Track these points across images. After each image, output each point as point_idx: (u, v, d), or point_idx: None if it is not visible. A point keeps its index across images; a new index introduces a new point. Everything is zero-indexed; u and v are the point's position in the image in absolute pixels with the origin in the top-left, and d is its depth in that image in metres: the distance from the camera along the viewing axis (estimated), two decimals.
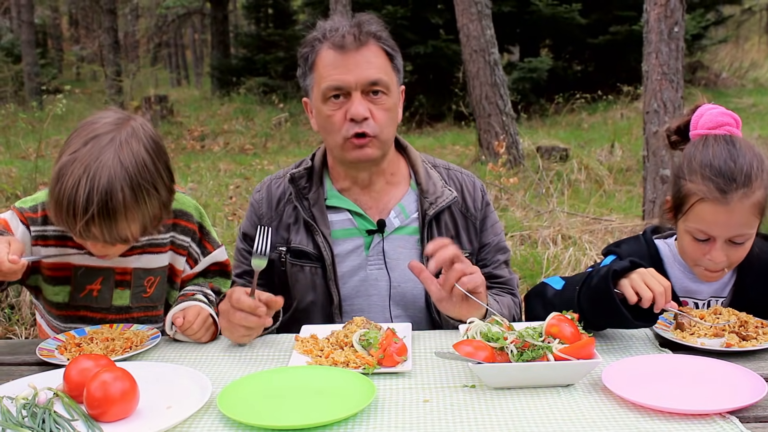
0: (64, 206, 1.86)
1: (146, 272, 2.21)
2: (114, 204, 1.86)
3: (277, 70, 18.81)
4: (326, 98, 2.14)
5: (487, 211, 2.38)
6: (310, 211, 2.24)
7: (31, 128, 12.64)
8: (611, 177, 9.22)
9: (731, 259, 2.02)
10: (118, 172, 1.86)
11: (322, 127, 2.20)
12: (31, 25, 19.88)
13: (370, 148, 2.15)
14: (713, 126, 2.03)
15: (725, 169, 1.93)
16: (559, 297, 2.03)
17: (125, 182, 1.87)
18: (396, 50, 2.22)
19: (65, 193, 1.85)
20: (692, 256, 2.06)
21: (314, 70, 2.17)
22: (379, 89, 2.13)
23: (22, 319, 4.61)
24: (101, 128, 1.93)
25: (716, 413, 1.48)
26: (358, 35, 2.12)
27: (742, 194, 1.92)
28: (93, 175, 1.84)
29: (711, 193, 1.93)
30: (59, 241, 2.14)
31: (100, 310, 2.19)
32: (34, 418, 1.48)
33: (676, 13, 6.54)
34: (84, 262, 2.16)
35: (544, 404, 1.56)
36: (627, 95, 14.13)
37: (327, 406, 1.57)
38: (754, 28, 27.15)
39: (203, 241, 2.34)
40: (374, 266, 2.25)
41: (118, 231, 1.91)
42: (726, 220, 1.94)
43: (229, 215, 7.68)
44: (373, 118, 2.13)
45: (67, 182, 1.85)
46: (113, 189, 1.85)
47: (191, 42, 38.87)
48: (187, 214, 2.29)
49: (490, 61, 10.11)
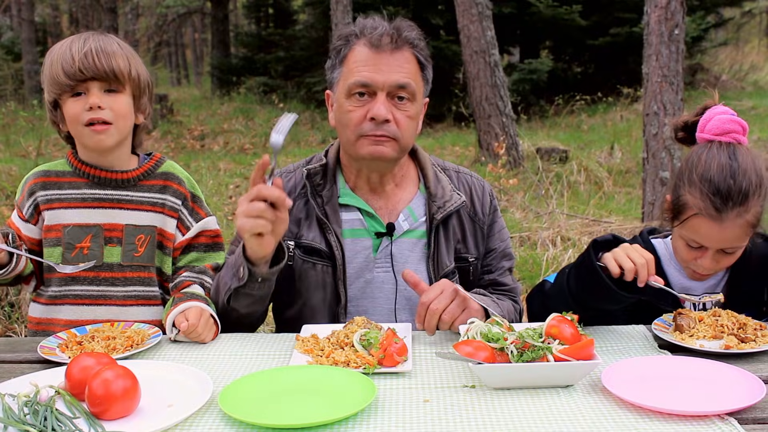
0: (63, 56, 2.10)
1: (136, 229, 2.22)
2: (110, 44, 2.14)
3: (278, 69, 18.80)
4: (351, 94, 2.13)
5: (494, 217, 2.38)
6: (323, 208, 2.23)
7: (31, 127, 12.65)
8: (611, 179, 9.23)
9: (720, 264, 2.09)
10: (107, 35, 2.19)
11: (339, 121, 2.19)
12: (31, 24, 19.86)
13: (387, 146, 2.13)
14: (720, 133, 2.05)
15: (723, 188, 1.97)
16: (552, 286, 2.13)
17: (114, 40, 2.18)
18: (429, 61, 2.21)
19: (61, 49, 2.13)
20: (684, 258, 2.13)
21: (344, 64, 2.16)
22: (405, 95, 2.12)
23: (22, 317, 4.61)
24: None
25: (715, 415, 1.49)
26: (395, 38, 2.11)
27: (737, 213, 1.97)
28: (83, 35, 2.16)
29: (707, 210, 1.98)
30: (50, 204, 2.22)
31: (93, 269, 2.19)
32: (35, 416, 1.49)
33: (676, 15, 6.55)
34: (72, 221, 2.20)
35: (543, 405, 1.57)
36: (627, 97, 14.15)
37: (327, 405, 1.57)
38: (754, 31, 27.17)
39: (195, 207, 2.33)
40: (381, 269, 2.25)
41: (115, 62, 2.12)
42: (718, 236, 2.00)
43: (229, 215, 7.68)
44: (395, 122, 2.11)
45: (60, 46, 2.14)
46: (105, 38, 2.16)
47: (191, 41, 38.86)
48: (178, 178, 2.32)
49: (491, 62, 10.12)
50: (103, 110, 2.11)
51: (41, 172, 2.26)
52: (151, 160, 2.30)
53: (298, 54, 18.39)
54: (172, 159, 2.38)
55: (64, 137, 2.27)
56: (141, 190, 2.24)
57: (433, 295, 1.96)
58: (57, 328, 2.16)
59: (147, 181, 2.26)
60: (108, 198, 2.22)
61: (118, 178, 2.22)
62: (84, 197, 2.21)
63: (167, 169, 2.31)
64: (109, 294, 2.21)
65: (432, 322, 1.95)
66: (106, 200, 2.21)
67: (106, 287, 2.21)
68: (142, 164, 2.28)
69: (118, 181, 2.22)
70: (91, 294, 2.21)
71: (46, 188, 2.23)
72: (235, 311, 2.12)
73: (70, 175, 2.24)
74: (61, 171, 2.25)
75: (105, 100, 2.12)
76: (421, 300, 1.98)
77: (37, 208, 2.24)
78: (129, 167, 2.26)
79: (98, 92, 2.11)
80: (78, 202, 2.21)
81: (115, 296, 2.21)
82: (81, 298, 2.21)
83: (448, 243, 2.27)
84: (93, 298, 2.21)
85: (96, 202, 2.21)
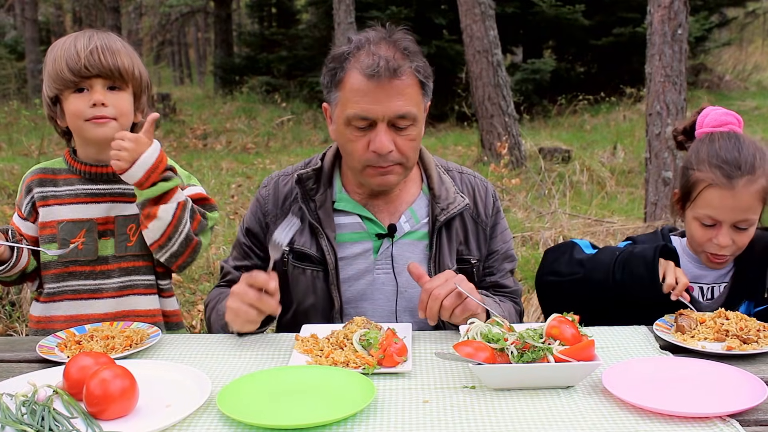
0: (67, 54, 2.11)
1: (127, 219, 2.25)
2: (114, 42, 2.16)
3: (280, 69, 18.80)
4: (349, 123, 2.07)
5: (497, 218, 2.36)
6: (315, 213, 2.21)
7: (33, 126, 12.66)
8: (613, 179, 9.21)
9: (737, 243, 2.15)
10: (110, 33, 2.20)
11: (342, 147, 2.15)
12: (34, 23, 19.86)
13: (393, 175, 2.12)
14: (717, 124, 2.19)
15: (731, 158, 2.09)
16: (591, 259, 2.22)
17: (118, 39, 2.19)
18: (429, 76, 2.13)
19: (65, 46, 2.14)
20: (699, 241, 2.18)
21: (340, 90, 2.08)
22: (406, 123, 2.07)
23: (23, 316, 4.61)
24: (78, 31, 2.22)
25: (716, 416, 1.48)
26: (393, 66, 2.01)
27: (747, 180, 2.07)
28: (87, 32, 2.16)
29: (718, 179, 2.08)
30: (45, 201, 2.25)
31: (88, 263, 2.23)
32: (33, 416, 1.48)
33: (679, 15, 6.53)
34: (66, 217, 2.23)
35: (544, 406, 1.56)
36: (630, 97, 14.13)
37: (327, 405, 1.57)
38: (757, 31, 27.13)
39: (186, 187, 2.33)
40: (382, 270, 2.23)
41: (120, 60, 2.14)
42: (732, 205, 2.08)
43: (231, 214, 7.68)
44: (398, 149, 2.08)
45: (64, 42, 2.15)
46: (109, 36, 2.17)
47: (194, 40, 38.88)
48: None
49: (493, 61, 10.10)
50: (106, 107, 2.14)
51: (38, 169, 2.30)
52: None
53: (301, 53, 18.38)
54: (174, 158, 2.39)
55: (61, 132, 2.30)
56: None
57: (436, 283, 1.95)
58: (57, 325, 2.18)
59: None
60: (100, 192, 2.26)
61: (108, 172, 2.25)
62: (77, 193, 2.25)
63: None
64: (106, 287, 2.24)
65: (434, 308, 1.92)
66: (98, 194, 2.25)
67: (102, 280, 2.24)
68: None
69: (108, 175, 2.26)
70: (89, 288, 2.24)
71: (42, 185, 2.27)
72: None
73: (65, 172, 2.28)
74: (57, 168, 2.30)
75: (108, 97, 2.15)
76: (425, 287, 1.96)
77: (34, 206, 2.27)
78: None
79: (102, 89, 2.14)
80: (71, 198, 2.25)
81: (111, 288, 2.24)
82: (78, 293, 2.24)
83: (450, 245, 2.25)
84: (90, 292, 2.24)
85: (88, 197, 2.25)
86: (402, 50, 2.06)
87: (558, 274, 2.26)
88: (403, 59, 2.05)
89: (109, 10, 19.07)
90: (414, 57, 2.08)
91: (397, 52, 2.05)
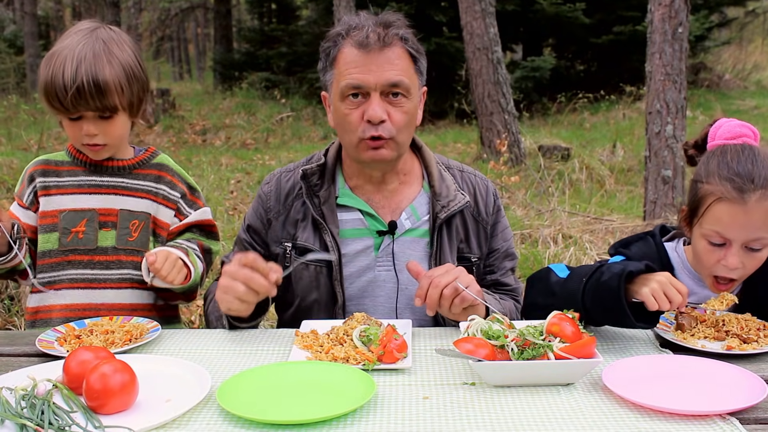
0: (55, 83, 2.07)
1: (131, 214, 2.27)
2: (102, 74, 2.09)
3: (280, 65, 18.79)
4: (344, 96, 2.10)
5: (498, 216, 2.37)
6: (320, 209, 2.22)
7: (32, 120, 12.65)
8: (612, 177, 9.21)
9: (746, 267, 1.96)
10: (103, 50, 2.12)
11: (339, 125, 2.18)
12: (33, 17, 19.85)
13: (386, 149, 2.13)
14: (731, 137, 2.01)
15: (743, 171, 1.90)
16: (562, 285, 2.01)
17: (109, 57, 2.12)
18: (421, 53, 2.17)
19: (53, 72, 2.09)
20: (706, 263, 2.00)
21: (335, 67, 2.14)
22: (399, 91, 2.09)
23: (21, 310, 4.61)
24: (82, 25, 2.19)
25: (716, 414, 1.48)
26: (383, 35, 2.07)
27: (761, 195, 1.88)
28: (79, 53, 2.09)
29: (729, 192, 1.89)
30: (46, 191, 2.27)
31: (87, 252, 2.24)
32: (33, 410, 1.48)
33: (680, 13, 6.53)
34: (67, 206, 2.25)
35: (543, 403, 1.56)
36: (629, 95, 14.12)
37: (326, 401, 1.57)
38: (757, 31, 27.11)
39: (194, 199, 2.40)
40: (383, 267, 2.23)
41: (107, 98, 2.10)
42: (743, 222, 1.89)
43: (230, 209, 7.68)
44: (391, 120, 2.10)
45: (54, 64, 2.10)
46: (99, 62, 2.10)
47: (194, 36, 38.83)
48: (172, 170, 2.38)
49: (493, 59, 10.10)
50: (97, 136, 2.17)
51: (41, 160, 2.32)
52: (146, 152, 2.37)
53: (301, 49, 18.36)
54: (173, 154, 2.41)
55: None
56: (136, 178, 2.31)
57: (438, 272, 1.95)
58: (54, 314, 2.20)
59: (141, 170, 2.33)
60: (104, 184, 2.27)
61: (113, 165, 2.29)
62: (80, 183, 2.27)
63: (162, 161, 2.38)
64: (103, 277, 2.24)
65: (434, 296, 1.92)
66: (102, 186, 2.27)
67: (100, 270, 2.24)
68: (138, 155, 2.35)
69: (113, 168, 2.28)
70: (86, 277, 2.24)
71: (45, 175, 2.29)
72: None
73: (68, 164, 2.30)
74: (60, 161, 2.31)
75: (99, 126, 2.16)
76: (425, 274, 1.95)
77: (36, 195, 2.28)
78: (125, 156, 2.32)
79: (93, 118, 2.15)
80: (74, 188, 2.26)
81: (109, 279, 2.24)
82: (76, 282, 2.24)
83: (451, 242, 2.25)
84: (88, 282, 2.24)
85: (92, 188, 2.26)
86: (392, 24, 2.12)
87: (537, 306, 2.07)
88: (393, 33, 2.10)
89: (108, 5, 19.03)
90: (404, 33, 2.13)
91: (388, 26, 2.11)
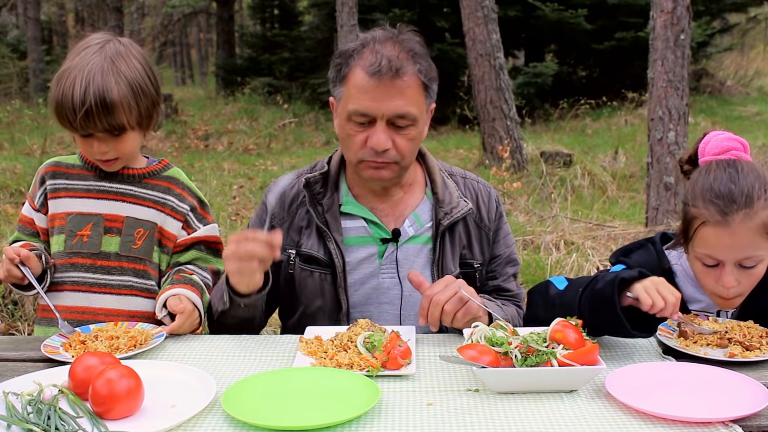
0: (64, 104, 2.06)
1: (137, 222, 2.27)
2: (110, 94, 2.07)
3: (282, 70, 18.80)
4: (350, 118, 2.09)
5: (500, 223, 2.38)
6: (323, 216, 2.22)
7: (35, 125, 12.66)
8: (615, 183, 9.22)
9: (743, 284, 1.97)
10: (111, 69, 2.10)
11: (342, 140, 2.17)
12: (36, 22, 19.87)
13: (387, 171, 2.13)
14: (719, 152, 2.02)
15: (725, 192, 1.91)
16: (560, 297, 2.02)
17: (118, 76, 2.10)
18: (433, 79, 2.13)
19: (63, 92, 2.07)
20: (704, 283, 2.04)
21: (344, 85, 2.12)
22: (406, 122, 2.08)
23: (24, 315, 4.62)
24: (91, 41, 2.17)
25: (719, 422, 1.49)
26: (396, 65, 2.02)
27: (744, 215, 1.89)
28: (87, 73, 2.07)
29: (712, 216, 1.91)
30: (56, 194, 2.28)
31: (90, 256, 2.24)
32: (39, 415, 1.49)
33: (682, 20, 6.54)
34: (75, 209, 2.26)
35: (547, 409, 1.57)
36: (632, 102, 14.13)
37: (330, 407, 1.57)
38: (759, 37, 27.14)
39: (203, 213, 2.39)
40: (387, 275, 2.24)
41: (116, 118, 2.09)
42: (730, 243, 1.91)
43: (233, 215, 7.69)
44: (395, 147, 2.09)
45: (64, 84, 2.08)
46: (107, 82, 2.08)
47: (196, 41, 38.89)
48: (183, 183, 2.37)
49: (496, 65, 10.11)
50: (108, 152, 2.17)
51: (53, 162, 2.34)
52: (159, 163, 2.37)
53: (303, 55, 18.39)
54: (176, 159, 2.42)
55: None
56: (145, 188, 2.31)
57: (437, 289, 1.96)
58: (55, 314, 2.18)
59: (152, 180, 2.33)
60: (112, 190, 2.28)
61: (124, 173, 2.30)
62: (89, 188, 2.28)
63: (173, 174, 2.38)
64: (105, 282, 2.25)
65: (435, 314, 1.94)
66: (111, 192, 2.28)
67: (102, 275, 2.25)
68: (150, 165, 2.35)
69: (123, 176, 2.29)
70: (87, 281, 2.25)
71: (55, 177, 2.30)
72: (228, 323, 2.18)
73: (79, 168, 2.32)
74: (71, 164, 2.33)
75: (110, 143, 2.16)
76: (425, 293, 1.98)
77: (46, 197, 2.30)
78: (136, 165, 2.33)
79: (103, 137, 2.14)
80: (83, 192, 2.27)
81: (111, 284, 2.26)
82: (78, 285, 2.25)
83: (453, 249, 2.26)
84: (89, 285, 2.25)
85: (100, 194, 2.27)
86: (407, 51, 2.07)
87: (538, 320, 2.06)
88: (407, 60, 2.06)
89: (111, 10, 19.09)
90: (419, 59, 2.09)
91: (402, 52, 2.06)
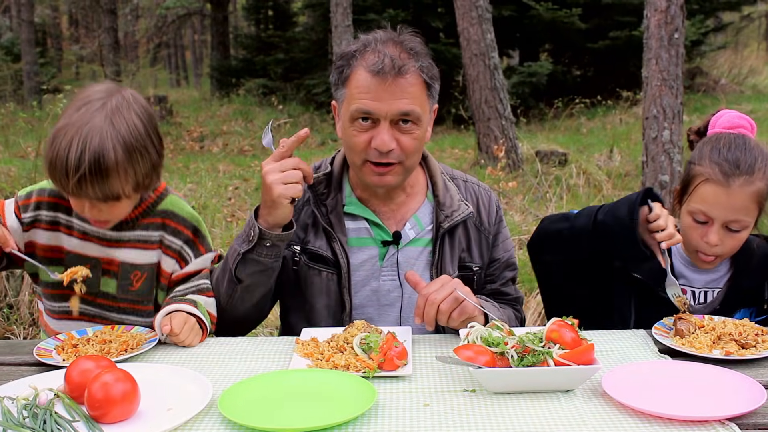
0: (58, 166, 1.94)
1: (133, 267, 2.22)
2: (106, 161, 1.92)
3: (277, 71, 18.79)
4: (354, 119, 2.08)
5: (500, 227, 2.38)
6: (327, 217, 2.22)
7: (30, 127, 12.62)
8: (610, 182, 9.22)
9: (725, 245, 2.14)
10: (110, 132, 1.94)
11: (345, 143, 2.17)
12: (30, 24, 19.84)
13: (391, 175, 2.12)
14: (729, 126, 2.21)
15: (731, 157, 2.10)
16: (577, 213, 2.23)
17: (116, 141, 1.94)
18: (435, 78, 2.13)
19: (58, 153, 1.93)
20: (690, 239, 2.18)
21: (346, 86, 2.11)
22: (410, 119, 2.07)
23: (20, 319, 4.61)
24: (93, 95, 2.02)
25: (715, 420, 1.49)
26: (398, 64, 2.02)
27: (744, 181, 2.08)
28: (85, 136, 1.92)
29: (715, 174, 2.09)
30: (52, 226, 2.21)
31: (89, 293, 2.20)
32: (35, 419, 1.48)
33: (676, 19, 6.56)
34: (74, 249, 2.20)
35: (544, 409, 1.57)
36: (626, 101, 14.15)
37: (327, 409, 1.57)
38: (753, 35, 27.23)
39: (198, 244, 2.30)
40: (387, 277, 2.24)
41: (110, 188, 1.96)
42: (725, 203, 2.08)
43: (228, 216, 7.67)
44: (400, 147, 2.08)
45: (60, 144, 1.94)
46: (104, 148, 1.92)
47: (191, 43, 38.88)
48: (178, 216, 2.28)
49: (490, 65, 10.12)
50: (100, 215, 2.07)
51: (55, 192, 2.20)
52: (153, 193, 2.26)
53: (298, 56, 18.38)
54: (170, 161, 2.37)
55: None
56: (139, 229, 2.22)
57: (433, 288, 1.96)
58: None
59: (146, 220, 2.23)
60: (107, 237, 2.20)
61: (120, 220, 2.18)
62: (86, 231, 2.20)
63: (167, 206, 2.27)
64: (105, 315, 2.24)
65: (431, 313, 1.94)
66: (105, 239, 2.20)
67: (100, 310, 2.24)
68: (143, 201, 2.23)
69: (119, 222, 2.19)
70: (89, 312, 2.24)
71: (56, 209, 2.21)
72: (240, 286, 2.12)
73: None
74: None
75: (103, 209, 2.05)
76: (421, 292, 1.98)
77: (37, 224, 2.21)
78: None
79: (97, 204, 2.03)
80: (81, 233, 2.21)
81: (111, 319, 2.23)
82: (80, 314, 2.23)
83: (452, 252, 2.26)
84: (90, 316, 2.24)
85: (96, 239, 2.20)
86: (409, 50, 2.08)
87: (543, 231, 2.33)
88: (409, 58, 2.06)
89: (105, 12, 19.08)
90: (420, 57, 2.09)
91: (403, 52, 2.06)
